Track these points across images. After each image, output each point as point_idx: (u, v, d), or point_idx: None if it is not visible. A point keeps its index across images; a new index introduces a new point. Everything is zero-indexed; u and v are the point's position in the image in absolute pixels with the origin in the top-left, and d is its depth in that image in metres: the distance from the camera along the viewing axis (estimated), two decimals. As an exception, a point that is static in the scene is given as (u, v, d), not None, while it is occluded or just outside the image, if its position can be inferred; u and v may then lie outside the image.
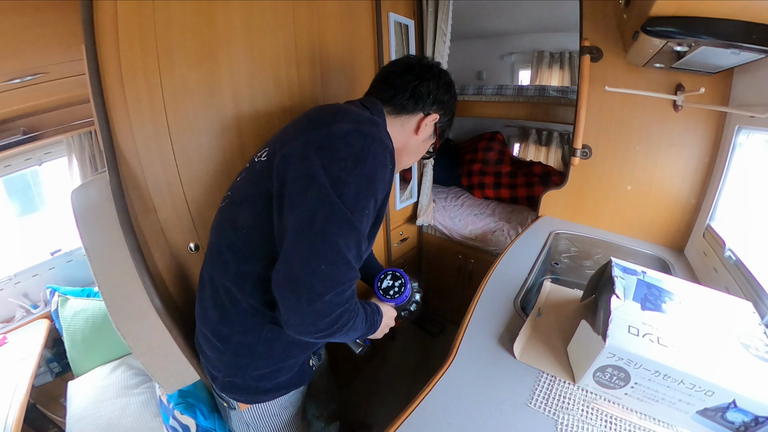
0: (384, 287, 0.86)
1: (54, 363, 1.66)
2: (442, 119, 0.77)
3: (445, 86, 0.75)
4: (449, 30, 1.48)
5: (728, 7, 0.64)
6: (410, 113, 0.73)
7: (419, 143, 0.78)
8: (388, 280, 0.87)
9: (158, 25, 0.77)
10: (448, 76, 0.78)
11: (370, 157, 0.57)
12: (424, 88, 0.72)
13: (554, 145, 2.52)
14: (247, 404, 0.77)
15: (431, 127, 0.76)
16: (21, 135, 1.50)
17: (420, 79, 0.72)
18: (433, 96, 0.73)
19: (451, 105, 0.78)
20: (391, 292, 0.85)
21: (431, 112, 0.74)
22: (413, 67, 0.74)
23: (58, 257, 1.82)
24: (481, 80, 2.71)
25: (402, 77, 0.73)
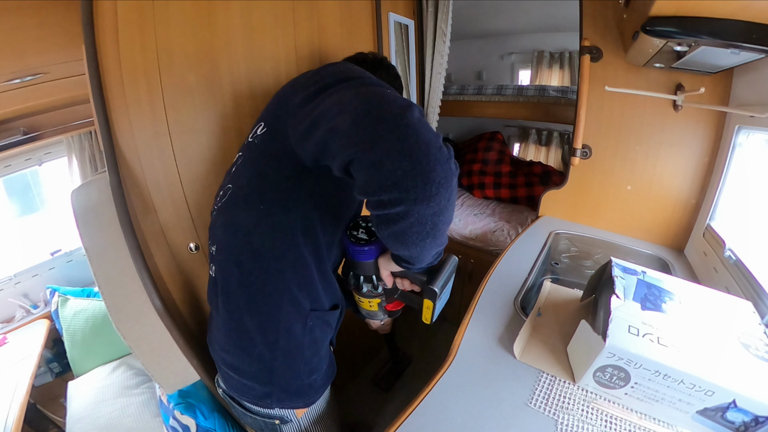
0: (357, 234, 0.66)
1: (54, 363, 1.66)
2: None
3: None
4: (449, 30, 1.48)
5: (728, 7, 0.64)
6: None
7: None
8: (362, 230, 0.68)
9: (158, 25, 0.77)
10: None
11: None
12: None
13: (554, 145, 2.52)
14: (305, 408, 0.73)
15: None
16: (21, 135, 1.50)
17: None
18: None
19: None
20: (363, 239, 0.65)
21: None
22: (367, 59, 0.84)
23: (58, 257, 1.82)
24: (481, 80, 2.71)
25: (360, 66, 0.74)
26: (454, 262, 0.66)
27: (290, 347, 0.66)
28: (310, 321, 0.67)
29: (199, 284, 1.00)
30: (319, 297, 0.68)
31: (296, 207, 0.60)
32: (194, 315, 1.01)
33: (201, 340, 1.05)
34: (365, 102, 0.45)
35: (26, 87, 1.33)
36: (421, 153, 0.41)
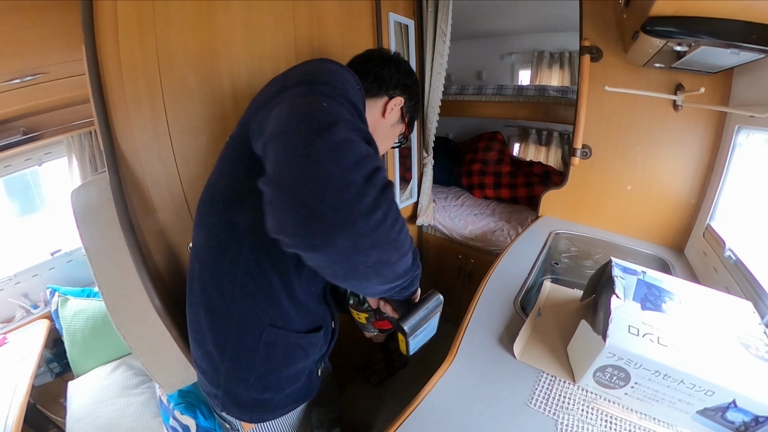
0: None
1: (54, 363, 1.66)
2: (408, 103, 0.79)
3: (406, 71, 0.78)
4: (449, 30, 1.48)
5: (728, 7, 0.64)
6: (375, 97, 0.75)
7: (388, 127, 0.79)
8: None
9: (158, 25, 0.77)
10: (408, 65, 0.80)
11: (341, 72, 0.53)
12: (386, 73, 0.75)
13: (554, 145, 2.52)
14: (251, 423, 0.70)
15: (398, 111, 0.78)
16: (21, 135, 1.50)
17: (381, 65, 0.75)
18: (396, 79, 0.75)
19: (415, 89, 0.80)
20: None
21: (395, 95, 0.76)
22: (374, 56, 0.78)
23: (58, 257, 1.82)
24: (481, 80, 2.71)
25: (364, 65, 0.76)
26: (438, 301, 0.59)
27: (239, 355, 0.63)
28: (267, 336, 0.62)
29: (199, 284, 1.00)
30: (285, 315, 0.63)
31: (252, 208, 0.55)
32: (194, 315, 1.01)
33: (201, 340, 1.05)
34: (289, 116, 0.41)
35: (26, 87, 1.33)
36: (312, 195, 0.35)
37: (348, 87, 0.50)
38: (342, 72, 0.53)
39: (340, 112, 0.42)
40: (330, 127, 0.38)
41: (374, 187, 0.38)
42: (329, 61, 0.56)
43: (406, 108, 0.79)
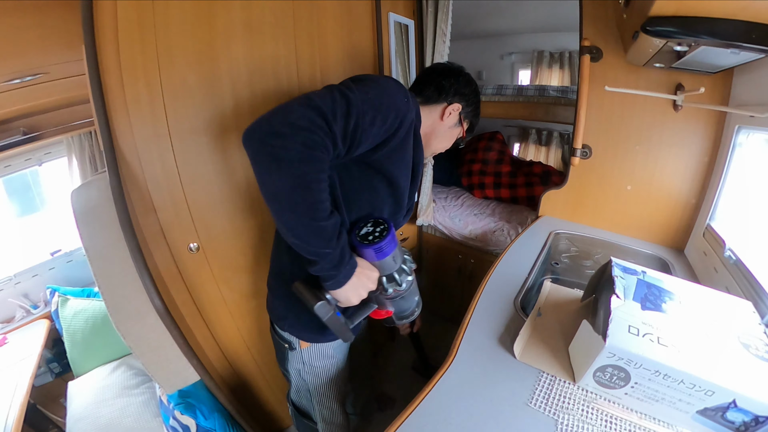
0: (362, 233, 0.71)
1: (54, 363, 1.66)
2: (465, 109, 0.89)
3: (465, 81, 0.88)
4: (449, 30, 1.48)
5: (728, 7, 0.64)
6: (435, 103, 0.87)
7: (445, 129, 0.90)
8: (369, 227, 0.72)
9: (158, 25, 0.77)
10: (469, 76, 0.91)
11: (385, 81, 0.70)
12: (446, 82, 0.86)
13: (554, 145, 2.52)
14: (308, 343, 0.86)
15: (455, 116, 0.88)
16: (21, 135, 1.50)
17: (443, 76, 0.87)
18: (454, 88, 0.86)
19: (472, 97, 0.90)
20: (369, 237, 0.70)
21: (453, 101, 0.87)
22: (437, 68, 0.91)
23: (58, 257, 1.82)
24: (481, 80, 2.71)
25: (429, 76, 0.89)
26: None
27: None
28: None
29: (199, 284, 1.00)
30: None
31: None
32: (194, 315, 1.01)
33: (201, 340, 1.05)
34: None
35: (26, 87, 1.33)
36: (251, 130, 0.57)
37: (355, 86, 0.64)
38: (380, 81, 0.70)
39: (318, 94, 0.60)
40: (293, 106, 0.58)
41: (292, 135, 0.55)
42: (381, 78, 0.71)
43: (464, 113, 0.90)
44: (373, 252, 0.68)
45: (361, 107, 0.60)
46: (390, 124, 0.65)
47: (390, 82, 0.70)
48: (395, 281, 0.74)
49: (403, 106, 0.67)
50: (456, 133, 0.93)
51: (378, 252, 0.68)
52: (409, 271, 0.76)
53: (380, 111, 0.63)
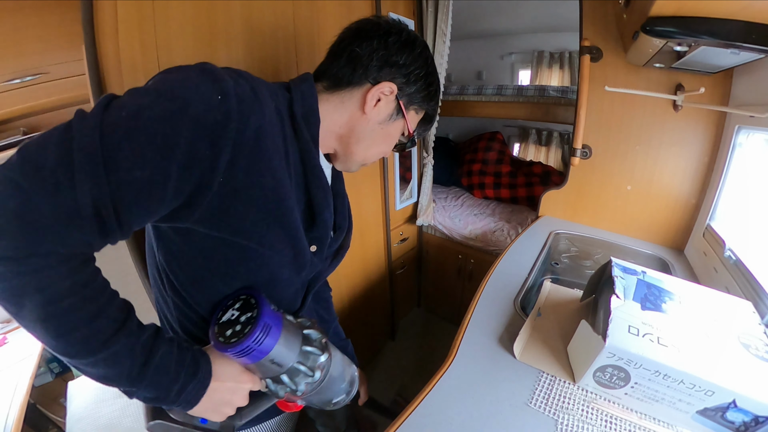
0: (223, 320, 0.48)
1: (54, 363, 1.66)
2: (406, 90, 0.56)
3: (398, 44, 0.53)
4: (449, 30, 1.48)
5: (728, 7, 0.64)
6: (350, 85, 0.54)
7: (373, 126, 0.57)
8: (234, 309, 0.48)
9: (158, 25, 0.77)
10: (407, 33, 0.55)
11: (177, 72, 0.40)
12: (363, 49, 0.53)
13: (554, 145, 2.52)
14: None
15: (389, 104, 0.55)
16: (21, 135, 1.50)
17: (357, 40, 0.54)
18: (379, 57, 0.53)
19: (416, 69, 0.55)
20: (228, 331, 0.45)
21: (381, 79, 0.54)
22: (349, 30, 0.57)
23: (58, 257, 1.82)
24: (481, 80, 2.71)
25: (339, 43, 0.56)
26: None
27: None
28: None
29: (199, 284, 1.00)
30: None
31: None
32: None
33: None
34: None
35: (26, 87, 1.32)
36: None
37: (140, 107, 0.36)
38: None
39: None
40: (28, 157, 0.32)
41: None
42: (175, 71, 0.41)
43: (405, 97, 0.56)
44: (236, 355, 0.44)
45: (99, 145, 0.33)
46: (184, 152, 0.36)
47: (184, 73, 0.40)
48: (285, 384, 0.50)
49: (216, 111, 0.38)
50: (396, 131, 0.59)
51: (245, 353, 0.44)
52: (315, 364, 0.51)
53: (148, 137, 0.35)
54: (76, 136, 0.33)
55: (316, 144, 0.53)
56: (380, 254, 1.69)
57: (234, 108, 0.39)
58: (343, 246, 0.68)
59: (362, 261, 1.57)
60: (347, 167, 0.63)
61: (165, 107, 0.36)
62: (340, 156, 0.60)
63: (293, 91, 0.52)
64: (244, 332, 0.44)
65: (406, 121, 0.59)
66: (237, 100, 0.39)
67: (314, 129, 0.53)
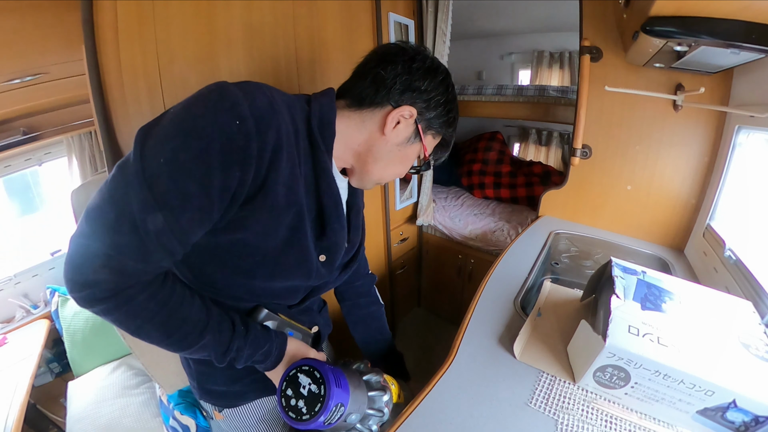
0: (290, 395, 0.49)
1: (54, 363, 1.66)
2: (426, 115, 0.58)
3: (422, 70, 0.56)
4: (449, 30, 1.48)
5: (728, 6, 0.64)
6: (372, 105, 0.56)
7: (391, 147, 0.58)
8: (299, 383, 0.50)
9: (158, 25, 0.77)
10: (431, 61, 0.58)
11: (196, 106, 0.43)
12: (388, 72, 0.55)
13: (554, 145, 2.52)
14: (220, 412, 0.70)
15: (408, 127, 0.57)
16: (21, 135, 1.50)
17: (383, 62, 0.55)
18: (402, 81, 0.55)
19: (437, 96, 0.57)
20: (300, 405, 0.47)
21: (402, 103, 0.55)
22: (376, 52, 0.59)
23: (58, 257, 1.82)
24: (481, 80, 2.71)
25: (365, 65, 0.58)
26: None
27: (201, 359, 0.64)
28: None
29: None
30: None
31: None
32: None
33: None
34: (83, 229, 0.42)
35: (26, 87, 1.33)
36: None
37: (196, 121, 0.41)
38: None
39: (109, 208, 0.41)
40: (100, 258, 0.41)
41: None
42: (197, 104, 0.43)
43: (424, 121, 0.58)
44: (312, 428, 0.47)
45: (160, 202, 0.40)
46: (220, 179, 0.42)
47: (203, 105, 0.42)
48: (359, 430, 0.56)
49: (237, 138, 0.41)
50: (413, 153, 0.61)
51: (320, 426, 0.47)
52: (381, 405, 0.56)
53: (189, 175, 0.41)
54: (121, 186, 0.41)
55: (330, 156, 0.56)
56: (380, 254, 1.69)
57: (252, 129, 0.43)
58: (354, 259, 0.71)
59: (362, 261, 1.57)
60: (362, 184, 0.64)
61: (195, 146, 0.41)
62: (356, 173, 0.62)
63: (312, 104, 0.55)
64: (313, 411, 0.47)
65: (423, 145, 0.61)
66: (254, 120, 0.43)
67: (329, 141, 0.55)
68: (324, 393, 0.47)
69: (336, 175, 0.59)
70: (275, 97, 0.48)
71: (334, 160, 0.58)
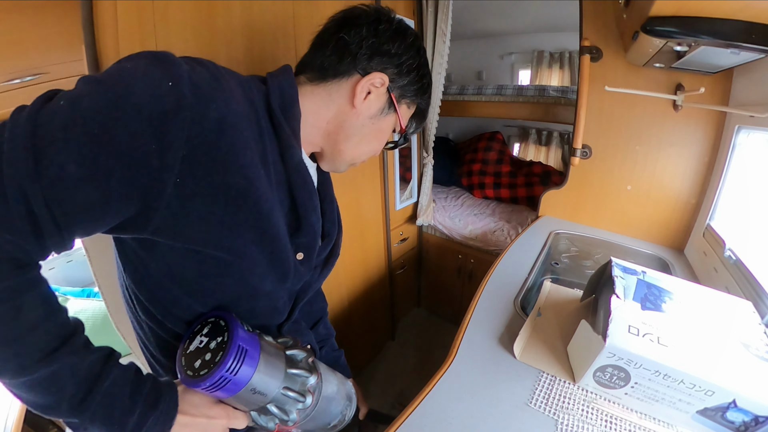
0: (190, 350, 0.42)
1: (54, 363, 1.66)
2: (398, 81, 0.52)
3: (389, 32, 0.50)
4: (449, 30, 1.48)
5: (728, 6, 0.64)
6: (337, 75, 0.50)
7: (363, 121, 0.52)
8: (202, 336, 0.43)
9: (158, 25, 0.77)
10: (399, 22, 0.52)
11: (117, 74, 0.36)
12: (352, 36, 0.48)
13: (554, 145, 2.52)
14: None
15: (380, 96, 0.51)
16: (21, 135, 1.50)
17: (346, 27, 0.49)
18: (369, 45, 0.48)
19: (409, 60, 0.51)
20: (197, 362, 0.40)
21: (371, 70, 0.49)
22: (336, 18, 0.52)
23: (58, 257, 1.82)
24: (481, 80, 2.71)
25: (324, 32, 0.52)
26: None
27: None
28: None
29: (199, 284, 1.00)
30: None
31: None
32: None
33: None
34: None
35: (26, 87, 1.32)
36: None
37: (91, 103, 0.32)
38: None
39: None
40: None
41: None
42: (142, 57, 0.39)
43: (397, 89, 0.52)
44: (209, 390, 0.39)
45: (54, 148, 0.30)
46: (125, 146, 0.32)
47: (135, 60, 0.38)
48: (273, 414, 0.45)
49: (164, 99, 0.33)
50: (387, 126, 0.55)
51: (219, 386, 0.39)
52: (304, 387, 0.47)
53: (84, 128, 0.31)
54: (8, 125, 0.30)
55: (297, 140, 0.49)
56: (380, 254, 1.69)
57: (187, 95, 0.34)
58: (333, 254, 0.64)
59: (362, 261, 1.57)
60: (335, 167, 0.58)
61: (106, 96, 0.32)
62: (327, 155, 0.55)
63: (269, 83, 0.48)
64: (215, 361, 0.39)
65: (398, 116, 0.54)
66: (192, 86, 0.35)
67: (295, 123, 0.48)
68: (227, 339, 0.40)
69: (306, 161, 0.53)
70: (225, 74, 0.42)
71: (302, 145, 0.51)
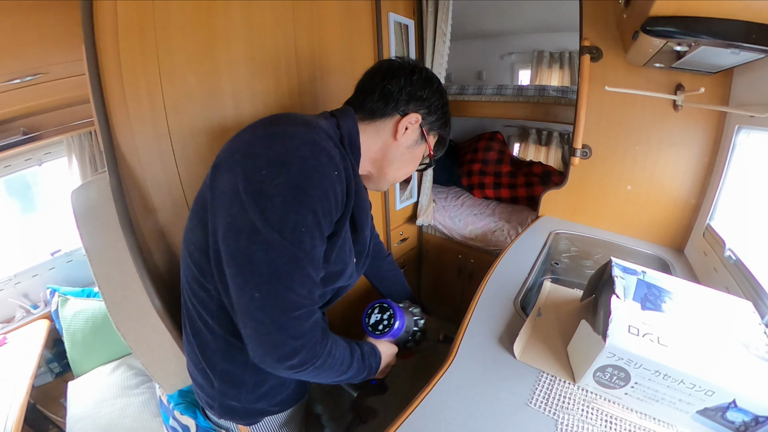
0: (372, 323, 0.81)
1: (54, 363, 1.66)
2: (428, 119, 0.69)
3: (421, 81, 0.67)
4: (449, 30, 1.48)
5: (728, 7, 0.64)
6: (383, 116, 0.67)
7: (403, 150, 0.69)
8: (376, 314, 0.82)
9: (158, 25, 0.77)
10: (426, 72, 0.69)
11: (297, 161, 0.49)
12: (394, 86, 0.65)
13: (554, 145, 2.52)
14: (247, 427, 0.75)
15: (415, 131, 0.68)
16: (21, 135, 1.50)
17: (389, 77, 0.66)
18: (407, 93, 0.66)
19: (435, 102, 0.69)
20: (380, 326, 0.80)
21: (409, 111, 0.66)
22: (380, 69, 0.68)
23: (58, 257, 1.82)
24: (481, 80, 2.71)
25: (371, 80, 0.68)
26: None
27: (229, 378, 0.66)
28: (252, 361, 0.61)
29: (199, 284, 0.99)
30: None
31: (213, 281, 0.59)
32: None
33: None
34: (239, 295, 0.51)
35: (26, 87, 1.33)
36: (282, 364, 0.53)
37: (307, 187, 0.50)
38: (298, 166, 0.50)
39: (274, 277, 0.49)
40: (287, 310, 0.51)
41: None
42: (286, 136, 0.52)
43: (427, 125, 0.69)
44: (388, 338, 0.81)
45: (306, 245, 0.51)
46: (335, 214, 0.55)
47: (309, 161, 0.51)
48: (411, 340, 0.88)
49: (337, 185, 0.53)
50: (420, 153, 0.72)
51: (392, 336, 0.81)
52: (422, 324, 0.89)
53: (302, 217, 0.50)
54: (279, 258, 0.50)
55: (358, 170, 0.66)
56: (380, 254, 1.69)
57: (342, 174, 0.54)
58: (369, 254, 0.80)
59: (362, 261, 1.57)
60: (379, 187, 0.75)
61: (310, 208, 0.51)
62: (374, 177, 0.72)
63: (342, 128, 0.63)
64: (390, 324, 0.80)
65: (428, 145, 0.71)
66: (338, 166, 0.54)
67: (358, 158, 0.65)
68: (393, 314, 0.82)
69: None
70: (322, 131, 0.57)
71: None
